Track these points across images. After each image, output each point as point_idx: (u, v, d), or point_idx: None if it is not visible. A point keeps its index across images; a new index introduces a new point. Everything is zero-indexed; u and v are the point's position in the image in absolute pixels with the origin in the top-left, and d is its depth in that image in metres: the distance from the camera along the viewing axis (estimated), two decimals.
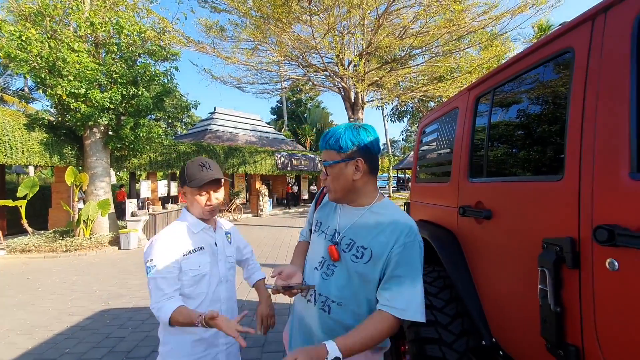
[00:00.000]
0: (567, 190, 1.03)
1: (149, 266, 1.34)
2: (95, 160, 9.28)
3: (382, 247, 1.08)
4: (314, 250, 1.29)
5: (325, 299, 1.15)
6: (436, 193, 2.18)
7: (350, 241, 1.15)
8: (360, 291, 1.11)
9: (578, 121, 1.02)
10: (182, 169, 1.45)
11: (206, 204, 1.44)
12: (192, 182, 1.39)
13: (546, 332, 1.08)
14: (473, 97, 1.75)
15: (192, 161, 1.45)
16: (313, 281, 1.21)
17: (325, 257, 1.20)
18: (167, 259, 1.34)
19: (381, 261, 1.08)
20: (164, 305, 1.29)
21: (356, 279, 1.11)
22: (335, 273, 1.16)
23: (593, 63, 0.99)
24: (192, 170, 1.41)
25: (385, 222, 1.12)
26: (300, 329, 1.26)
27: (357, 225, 1.16)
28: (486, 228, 1.50)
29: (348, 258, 1.13)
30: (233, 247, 1.65)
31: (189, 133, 19.98)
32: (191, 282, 1.39)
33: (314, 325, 1.18)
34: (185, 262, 1.38)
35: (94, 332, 3.74)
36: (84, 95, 8.11)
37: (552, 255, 1.05)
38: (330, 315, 1.13)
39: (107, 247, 8.65)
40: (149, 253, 1.36)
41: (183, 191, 1.47)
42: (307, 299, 1.22)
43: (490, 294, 1.51)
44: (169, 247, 1.37)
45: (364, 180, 1.15)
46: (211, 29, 9.59)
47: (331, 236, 1.21)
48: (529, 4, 8.81)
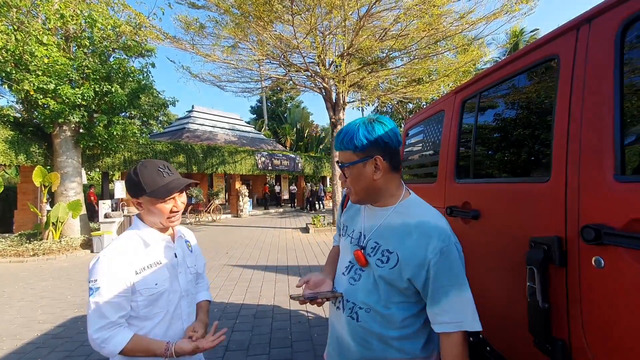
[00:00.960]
0: (554, 191, 1.08)
1: (92, 287, 1.14)
2: (66, 159, 8.85)
3: (411, 253, 0.98)
4: (343, 254, 1.23)
5: (353, 306, 1.08)
6: (422, 194, 2.22)
7: (375, 244, 1.07)
8: (388, 297, 1.03)
9: (564, 125, 1.06)
10: (131, 176, 1.23)
11: (172, 212, 1.27)
12: (154, 191, 1.21)
13: (534, 328, 1.12)
14: (459, 100, 1.80)
15: (143, 166, 1.24)
16: (341, 286, 1.15)
17: (352, 262, 1.14)
18: (115, 279, 1.15)
19: (408, 266, 0.98)
20: (112, 335, 1.13)
21: (382, 284, 1.03)
22: (362, 278, 1.08)
23: (578, 69, 1.04)
24: (151, 177, 1.22)
25: (412, 223, 1.02)
26: (332, 337, 1.20)
27: (383, 227, 1.07)
28: (473, 228, 1.54)
29: (373, 262, 1.05)
30: (194, 256, 1.47)
31: (166, 132, 19.42)
32: (147, 302, 1.22)
33: (344, 333, 1.11)
34: (139, 281, 1.20)
35: (67, 340, 3.56)
36: (54, 91, 7.71)
37: (540, 254, 1.09)
38: (359, 322, 1.06)
39: (78, 250, 8.26)
40: (94, 272, 1.15)
41: (138, 201, 1.26)
42: (337, 306, 1.15)
43: (478, 292, 1.55)
44: (118, 264, 1.17)
45: (385, 178, 1.05)
46: (190, 26, 9.35)
47: (357, 239, 1.14)
48: (504, 11, 9.15)
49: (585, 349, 0.97)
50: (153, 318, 1.24)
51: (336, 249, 1.37)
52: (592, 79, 0.98)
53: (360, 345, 1.05)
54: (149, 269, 1.24)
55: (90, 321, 1.13)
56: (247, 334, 3.55)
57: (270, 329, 3.68)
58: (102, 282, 1.14)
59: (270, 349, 3.22)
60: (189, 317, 1.37)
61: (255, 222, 14.39)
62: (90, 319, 1.13)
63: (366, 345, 1.04)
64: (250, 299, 4.71)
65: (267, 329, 3.67)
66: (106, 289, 1.14)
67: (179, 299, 1.32)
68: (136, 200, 1.26)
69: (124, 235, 1.28)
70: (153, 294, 1.22)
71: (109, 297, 1.14)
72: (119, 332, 1.15)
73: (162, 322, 1.26)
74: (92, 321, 1.13)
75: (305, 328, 3.68)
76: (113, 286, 1.15)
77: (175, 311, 1.30)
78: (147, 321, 1.23)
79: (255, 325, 3.77)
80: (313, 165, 21.43)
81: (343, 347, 1.11)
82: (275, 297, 4.74)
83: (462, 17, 9.74)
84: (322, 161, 22.33)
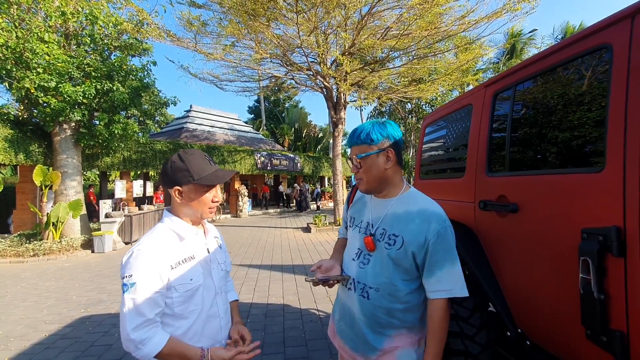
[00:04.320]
0: (610, 180, 1.06)
1: (126, 283, 1.08)
2: (66, 158, 8.75)
3: (414, 235, 1.16)
4: (351, 243, 1.40)
5: (364, 286, 1.25)
6: (446, 188, 2.21)
7: (383, 231, 1.24)
8: (394, 275, 1.20)
9: (621, 113, 1.05)
10: (176, 164, 1.20)
11: (213, 201, 1.26)
12: (203, 178, 1.19)
13: (587, 320, 1.11)
14: (491, 94, 1.78)
15: (188, 154, 1.22)
16: (350, 271, 1.32)
17: (361, 248, 1.31)
18: (152, 273, 1.10)
19: (412, 247, 1.16)
20: (149, 336, 1.07)
21: (390, 264, 1.20)
22: (370, 262, 1.25)
23: (635, 58, 1.03)
24: (199, 165, 1.20)
25: (414, 211, 1.20)
26: (343, 315, 1.36)
27: (388, 216, 1.25)
28: (511, 221, 1.52)
29: (382, 246, 1.22)
30: (223, 252, 1.43)
31: (164, 131, 19.29)
32: (182, 299, 1.17)
33: (356, 311, 1.28)
34: (174, 276, 1.15)
35: (77, 341, 3.50)
36: (54, 89, 7.61)
37: (595, 245, 1.07)
38: (370, 300, 1.23)
39: (79, 250, 8.17)
40: (128, 266, 1.10)
41: (180, 190, 1.21)
42: (348, 287, 1.32)
43: (515, 286, 1.54)
44: (154, 258, 1.12)
45: (394, 170, 1.25)
46: (192, 24, 9.29)
47: (365, 229, 1.31)
48: (505, 10, 9.18)
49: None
50: (189, 317, 1.19)
51: (342, 240, 1.55)
52: None
53: (370, 318, 1.23)
54: (184, 263, 1.20)
55: (125, 319, 1.06)
56: (259, 333, 3.51)
57: (282, 327, 3.65)
58: (138, 277, 1.08)
59: (285, 348, 3.18)
60: (226, 315, 1.33)
61: (255, 222, 14.32)
62: (125, 317, 1.06)
63: (375, 318, 1.23)
64: (258, 297, 4.68)
65: (279, 328, 3.64)
66: (142, 284, 1.08)
67: (214, 295, 1.28)
68: (178, 188, 1.21)
69: (156, 229, 1.23)
70: (188, 289, 1.18)
71: (146, 292, 1.08)
72: (156, 333, 1.09)
73: (198, 320, 1.21)
74: (129, 319, 1.06)
75: (318, 326, 3.65)
76: (150, 281, 1.10)
77: (212, 309, 1.26)
78: (183, 320, 1.18)
79: (267, 325, 3.74)
80: (312, 165, 21.39)
81: (355, 321, 1.28)
82: (284, 296, 4.70)
83: (463, 17, 9.78)
84: (321, 161, 22.29)
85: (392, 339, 1.23)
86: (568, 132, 1.30)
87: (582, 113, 1.24)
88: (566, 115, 1.32)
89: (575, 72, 1.29)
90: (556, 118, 1.37)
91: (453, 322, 1.68)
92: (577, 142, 1.26)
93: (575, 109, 1.28)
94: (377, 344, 1.23)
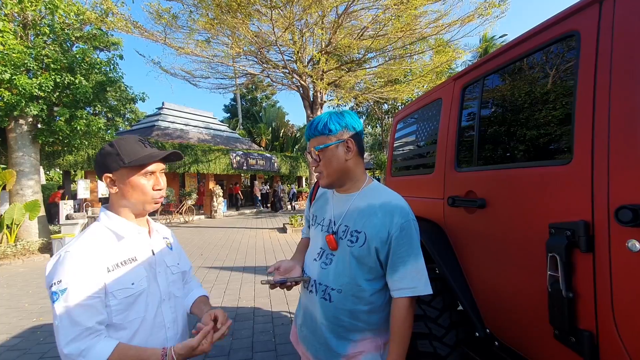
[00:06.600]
0: (578, 173, 1.02)
1: (56, 291, 0.93)
2: (22, 155, 8.14)
3: (376, 230, 1.11)
4: (313, 243, 1.33)
5: (326, 288, 1.18)
6: (417, 185, 2.15)
7: (345, 228, 1.18)
8: (358, 275, 1.14)
9: (589, 103, 1.00)
10: (105, 150, 1.07)
11: (154, 189, 1.11)
12: (134, 160, 1.05)
13: (556, 320, 1.06)
14: (459, 87, 1.73)
15: (123, 139, 1.09)
16: (312, 272, 1.24)
17: (323, 248, 1.23)
18: (86, 276, 0.95)
19: (375, 243, 1.10)
20: (89, 345, 0.92)
21: (353, 263, 1.14)
22: (333, 262, 1.18)
23: (603, 44, 0.98)
24: (131, 147, 1.07)
25: (376, 204, 1.15)
26: (305, 319, 1.28)
27: (350, 211, 1.19)
28: (479, 217, 1.47)
29: (344, 244, 1.16)
30: (174, 254, 1.28)
31: (134, 129, 18.49)
32: (122, 307, 1.01)
33: (318, 315, 1.20)
34: (112, 280, 1.00)
35: (25, 352, 3.20)
36: (9, 81, 7.06)
37: (563, 240, 1.02)
38: (332, 302, 1.16)
39: (36, 254, 7.62)
40: (56, 272, 0.95)
41: (112, 177, 1.07)
42: (309, 290, 1.24)
43: (483, 284, 1.49)
44: (86, 260, 0.97)
45: (354, 161, 1.19)
46: (161, 17, 8.91)
47: (327, 227, 1.24)
48: (476, 14, 9.43)
49: (616, 340, 0.91)
50: (128, 327, 1.03)
51: (305, 240, 1.46)
52: (621, 52, 0.93)
53: (332, 322, 1.16)
54: (124, 265, 1.05)
55: (59, 332, 0.91)
56: (227, 338, 3.35)
57: (252, 332, 3.50)
58: (69, 282, 0.93)
59: (253, 354, 3.04)
60: (174, 325, 1.17)
61: (230, 223, 13.98)
62: (59, 329, 0.91)
63: (337, 322, 1.15)
64: (228, 301, 4.49)
65: (248, 332, 3.49)
66: (76, 289, 0.93)
67: (159, 303, 1.13)
68: (109, 176, 1.07)
69: (89, 229, 1.08)
70: (129, 295, 1.03)
71: (81, 298, 0.93)
72: (98, 341, 0.94)
73: (140, 331, 1.05)
74: (62, 331, 0.91)
75: (289, 330, 3.52)
76: (84, 285, 0.95)
77: (156, 318, 1.11)
78: (122, 331, 1.02)
79: (235, 329, 3.57)
80: (289, 165, 21.18)
81: (317, 326, 1.21)
82: (255, 299, 4.54)
83: (437, 20, 9.96)
84: (298, 161, 22.12)
85: (356, 344, 1.17)
86: (536, 124, 1.25)
87: (550, 104, 1.20)
88: (534, 107, 1.27)
89: (543, 61, 1.25)
90: (524, 110, 1.32)
91: (421, 324, 1.62)
92: (544, 135, 1.21)
93: (544, 101, 1.23)
94: (341, 349, 1.17)
